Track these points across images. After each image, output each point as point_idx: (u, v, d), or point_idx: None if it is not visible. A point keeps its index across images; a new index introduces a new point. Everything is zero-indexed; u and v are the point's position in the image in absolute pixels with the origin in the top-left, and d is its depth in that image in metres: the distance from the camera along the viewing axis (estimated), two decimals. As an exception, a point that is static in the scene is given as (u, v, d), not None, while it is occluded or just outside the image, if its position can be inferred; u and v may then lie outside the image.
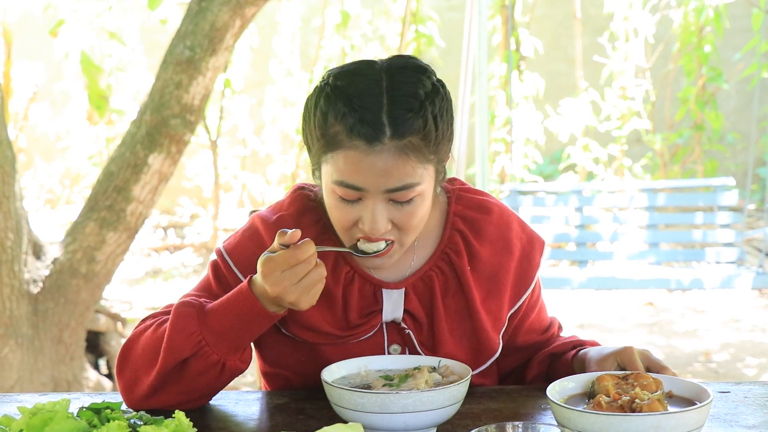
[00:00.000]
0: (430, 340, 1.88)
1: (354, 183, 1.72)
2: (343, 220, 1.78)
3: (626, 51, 8.49)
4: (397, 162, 1.70)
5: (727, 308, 7.15)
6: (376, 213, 1.74)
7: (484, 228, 1.92)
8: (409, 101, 1.71)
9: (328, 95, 1.73)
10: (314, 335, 1.88)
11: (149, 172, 4.36)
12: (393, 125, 1.69)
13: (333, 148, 1.72)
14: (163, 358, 1.77)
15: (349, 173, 1.72)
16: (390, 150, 1.70)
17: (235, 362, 1.79)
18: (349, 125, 1.69)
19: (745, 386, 1.91)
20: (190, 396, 1.81)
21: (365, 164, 1.70)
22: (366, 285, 1.88)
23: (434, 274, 1.89)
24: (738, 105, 10.22)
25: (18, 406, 1.56)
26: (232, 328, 1.76)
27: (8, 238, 4.21)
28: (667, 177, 8.67)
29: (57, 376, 4.49)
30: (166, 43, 4.45)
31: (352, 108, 1.70)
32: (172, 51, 4.35)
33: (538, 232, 2.02)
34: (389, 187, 1.72)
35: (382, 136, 1.69)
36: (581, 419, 1.52)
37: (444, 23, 8.58)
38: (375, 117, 1.69)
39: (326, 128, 1.72)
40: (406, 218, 1.76)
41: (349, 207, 1.76)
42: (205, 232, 10.06)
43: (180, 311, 1.79)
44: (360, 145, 1.70)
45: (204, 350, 1.76)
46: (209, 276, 1.93)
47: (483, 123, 6.14)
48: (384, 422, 1.60)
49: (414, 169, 1.72)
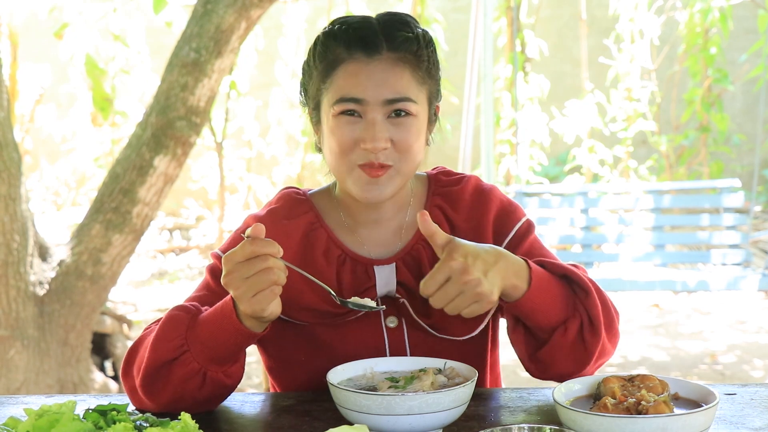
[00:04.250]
0: (424, 306, 1.88)
1: (354, 95, 1.82)
2: (344, 139, 1.84)
3: (632, 52, 8.48)
4: (395, 71, 1.83)
5: (733, 310, 7.14)
6: (376, 125, 1.82)
7: (459, 197, 1.99)
8: (402, 26, 1.87)
9: (326, 32, 1.89)
10: (312, 315, 1.91)
11: (155, 174, 4.37)
12: (388, 40, 1.84)
13: (334, 66, 1.85)
14: (147, 356, 1.78)
15: (350, 86, 1.83)
16: (387, 60, 1.83)
17: (217, 374, 1.79)
18: (347, 42, 1.84)
19: (751, 388, 1.91)
20: (180, 404, 1.79)
21: (364, 74, 1.82)
22: (358, 265, 1.93)
23: (421, 247, 1.95)
24: (744, 106, 10.21)
25: (24, 408, 1.57)
26: (212, 338, 1.76)
27: (14, 240, 4.22)
28: (673, 179, 8.65)
29: (63, 377, 4.49)
30: (171, 45, 4.46)
31: (350, 28, 1.86)
32: (177, 53, 4.36)
33: (540, 234, 2.03)
34: (387, 97, 1.82)
35: (379, 47, 1.83)
36: (587, 421, 1.52)
37: (449, 25, 8.58)
38: (372, 33, 1.84)
39: (326, 54, 1.86)
40: (403, 136, 1.83)
41: (350, 126, 1.84)
42: (210, 233, 10.07)
43: (172, 315, 1.81)
44: (359, 56, 1.83)
45: (185, 356, 1.77)
46: (207, 278, 1.95)
47: (488, 124, 6.14)
48: (389, 424, 1.60)
49: (410, 84, 1.84)
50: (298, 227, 1.95)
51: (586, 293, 1.82)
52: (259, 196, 10.00)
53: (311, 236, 1.95)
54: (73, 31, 7.61)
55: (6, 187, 4.16)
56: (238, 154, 9.96)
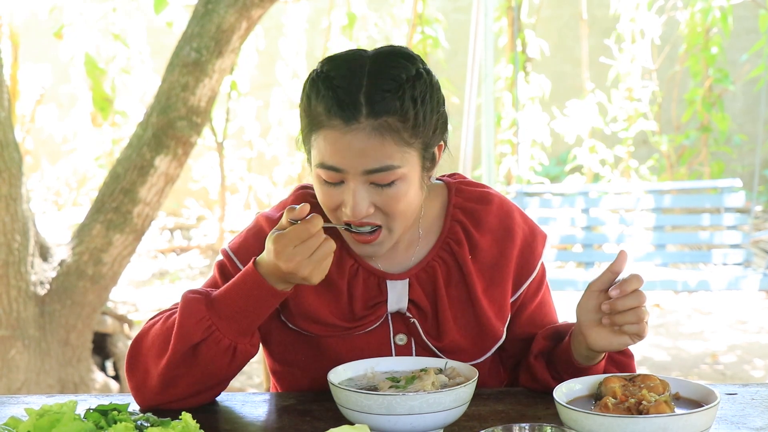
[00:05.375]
0: (435, 328, 1.90)
1: (333, 164, 1.76)
2: (328, 202, 1.82)
3: (633, 52, 8.47)
4: (373, 142, 1.73)
5: (734, 310, 7.14)
6: (356, 195, 1.77)
7: (484, 218, 1.95)
8: (387, 82, 1.74)
9: (313, 79, 1.79)
10: (321, 328, 1.89)
11: (156, 174, 4.37)
12: (369, 104, 1.72)
13: (315, 128, 1.77)
14: (173, 344, 1.79)
15: (329, 154, 1.76)
16: (366, 129, 1.73)
17: (245, 346, 1.82)
18: (328, 105, 1.74)
19: (752, 388, 1.91)
20: (202, 386, 1.82)
21: (342, 144, 1.74)
22: (370, 277, 1.91)
23: (437, 264, 1.92)
24: (745, 106, 10.20)
25: (25, 408, 1.57)
26: (241, 311, 1.78)
27: (15, 240, 4.22)
28: (674, 178, 8.65)
29: (64, 377, 4.49)
30: (172, 45, 4.46)
31: (332, 88, 1.74)
32: (178, 53, 4.35)
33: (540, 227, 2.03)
34: (367, 168, 1.75)
35: (358, 114, 1.72)
36: (588, 421, 1.52)
37: (450, 25, 8.58)
38: (352, 97, 1.73)
39: (310, 110, 1.78)
40: (388, 202, 1.78)
41: (333, 189, 1.79)
42: (211, 234, 10.06)
43: (188, 298, 1.82)
44: (337, 124, 1.74)
45: (215, 335, 1.78)
46: (215, 276, 1.95)
47: (489, 125, 6.14)
48: (390, 424, 1.60)
49: (392, 152, 1.75)
50: None
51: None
52: (260, 196, 10.00)
53: None
54: (73, 31, 7.61)
55: (7, 187, 4.16)
56: (239, 154, 9.95)
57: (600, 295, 1.79)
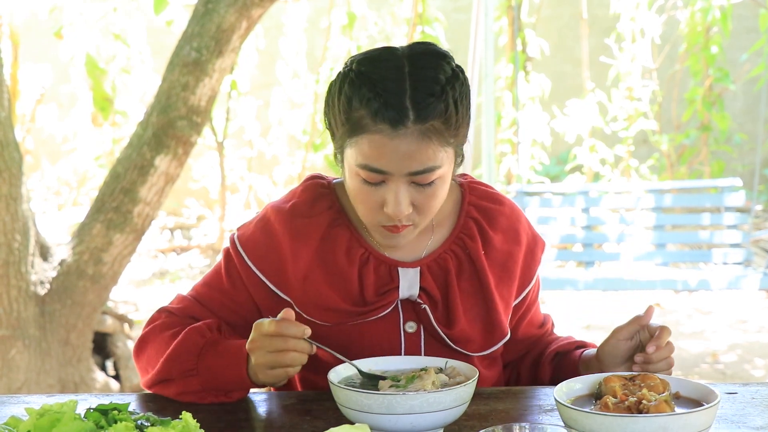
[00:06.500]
0: (445, 317, 1.92)
1: (378, 167, 1.76)
2: (368, 203, 1.81)
3: (633, 52, 8.47)
4: (420, 145, 1.74)
5: (734, 309, 7.14)
6: (399, 195, 1.78)
7: (497, 217, 1.99)
8: (431, 86, 1.74)
9: (352, 80, 1.77)
10: (333, 315, 1.91)
11: (156, 173, 4.37)
12: (416, 109, 1.73)
13: (357, 132, 1.76)
14: (160, 366, 1.89)
15: (374, 157, 1.75)
16: (413, 134, 1.74)
17: (217, 396, 1.89)
18: (373, 110, 1.73)
19: (752, 387, 1.91)
20: (188, 397, 1.90)
21: (389, 148, 1.74)
22: (381, 265, 1.92)
23: (449, 256, 1.95)
24: (745, 106, 10.20)
25: (25, 407, 1.57)
26: (218, 377, 1.86)
27: (15, 240, 4.22)
28: (674, 178, 8.65)
29: (64, 377, 4.49)
30: (172, 45, 4.46)
31: (377, 93, 1.73)
32: (178, 53, 4.35)
33: (542, 234, 2.08)
34: (412, 170, 1.76)
35: (405, 120, 1.73)
36: (588, 420, 1.52)
37: (450, 24, 8.58)
38: (399, 101, 1.73)
39: (351, 113, 1.76)
40: (426, 201, 1.81)
41: (373, 190, 1.79)
42: (211, 233, 10.06)
43: (188, 337, 1.89)
44: (384, 129, 1.73)
45: (190, 379, 1.87)
46: (221, 268, 1.98)
47: (489, 124, 6.14)
48: (391, 423, 1.60)
49: (436, 153, 1.76)
50: (320, 224, 1.93)
51: None
52: (260, 195, 10.00)
53: (333, 233, 1.93)
54: (73, 31, 7.60)
55: (7, 186, 4.16)
56: (239, 154, 9.95)
57: (626, 343, 1.89)
